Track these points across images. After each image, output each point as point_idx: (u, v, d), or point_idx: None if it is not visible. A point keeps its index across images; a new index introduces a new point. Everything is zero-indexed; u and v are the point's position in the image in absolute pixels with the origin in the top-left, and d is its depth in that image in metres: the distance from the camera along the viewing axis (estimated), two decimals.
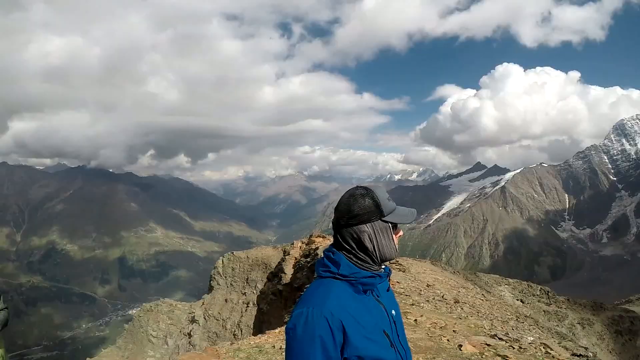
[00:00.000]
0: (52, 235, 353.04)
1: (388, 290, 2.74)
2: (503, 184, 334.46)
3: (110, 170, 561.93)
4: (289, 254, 25.41)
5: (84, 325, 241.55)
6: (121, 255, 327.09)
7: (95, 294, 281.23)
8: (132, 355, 41.91)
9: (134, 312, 52.52)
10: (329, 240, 23.75)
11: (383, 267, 2.62)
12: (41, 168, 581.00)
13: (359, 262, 2.51)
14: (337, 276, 2.48)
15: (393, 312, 2.64)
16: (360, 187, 2.52)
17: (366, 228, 2.47)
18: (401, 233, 2.60)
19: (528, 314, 27.94)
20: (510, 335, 10.84)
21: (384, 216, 2.48)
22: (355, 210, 2.45)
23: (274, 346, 9.79)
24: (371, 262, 2.53)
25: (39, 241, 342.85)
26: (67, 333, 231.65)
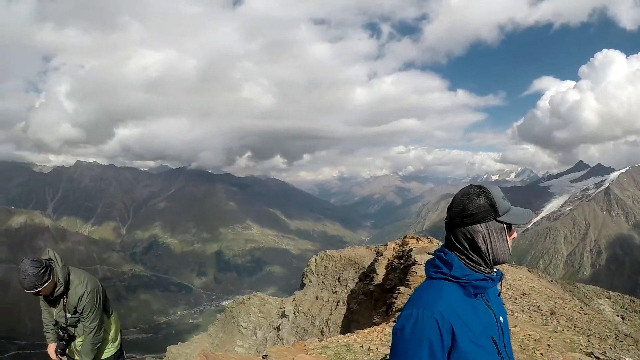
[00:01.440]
0: (155, 229, 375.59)
1: (498, 295, 2.66)
2: (607, 185, 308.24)
3: (210, 171, 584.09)
4: (381, 255, 24.88)
5: (179, 313, 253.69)
6: (218, 250, 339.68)
7: (191, 285, 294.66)
8: (222, 343, 43.04)
9: (227, 303, 54.09)
10: (423, 242, 23.01)
11: (495, 270, 2.52)
12: (145, 169, 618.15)
13: (471, 263, 2.43)
14: (448, 278, 2.40)
15: (501, 318, 2.54)
16: (475, 185, 2.44)
17: (480, 228, 2.39)
18: (515, 235, 2.49)
19: (628, 332, 25.55)
20: (607, 354, 9.84)
21: (499, 216, 2.39)
22: (470, 209, 2.39)
23: (362, 346, 9.50)
24: (483, 264, 2.45)
25: (142, 234, 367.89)
26: (162, 318, 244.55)
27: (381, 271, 22.73)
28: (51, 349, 5.89)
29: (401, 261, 20.03)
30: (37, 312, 6.00)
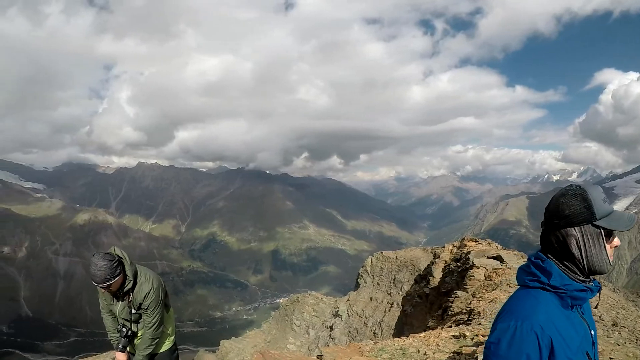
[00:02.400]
0: (213, 227, 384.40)
1: (596, 307, 2.51)
2: None
3: (267, 172, 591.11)
4: (438, 257, 24.15)
5: (234, 308, 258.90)
6: (275, 249, 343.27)
7: (247, 282, 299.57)
8: (274, 340, 43.20)
9: (282, 301, 54.14)
10: (481, 245, 22.16)
11: (592, 280, 2.32)
12: (204, 170, 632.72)
13: (568, 271, 2.27)
14: (546, 287, 2.24)
15: (592, 332, 2.39)
16: (575, 185, 2.26)
17: (574, 232, 2.21)
18: (617, 242, 2.28)
19: None
20: None
21: (596, 220, 2.19)
22: (564, 210, 2.22)
23: (418, 351, 9.06)
24: (578, 273, 2.27)
25: (201, 232, 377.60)
26: (218, 313, 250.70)
27: (437, 274, 22.03)
28: (118, 356, 5.97)
29: (458, 264, 19.31)
30: (98, 302, 6.13)
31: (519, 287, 2.39)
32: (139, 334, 5.97)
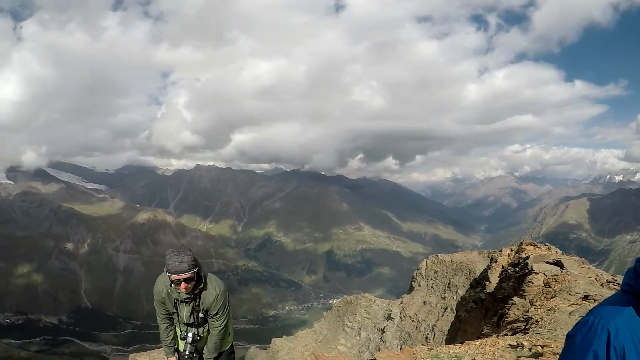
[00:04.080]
0: (269, 228, 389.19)
1: None
2: None
3: (322, 173, 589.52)
4: (495, 262, 23.28)
5: (287, 308, 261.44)
6: (329, 250, 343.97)
7: (301, 282, 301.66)
8: (325, 340, 43.01)
9: (335, 302, 54.00)
10: (540, 250, 21.23)
11: None
12: (260, 172, 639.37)
13: None
14: (637, 294, 2.13)
15: None
16: None
17: None
18: None
19: None
20: None
21: None
22: None
23: (474, 359, 8.54)
24: None
25: (257, 232, 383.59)
26: (271, 312, 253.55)
27: (494, 279, 21.22)
28: None
29: (516, 269, 18.49)
30: (154, 297, 6.18)
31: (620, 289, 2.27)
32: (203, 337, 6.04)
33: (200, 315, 5.83)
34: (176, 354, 6.24)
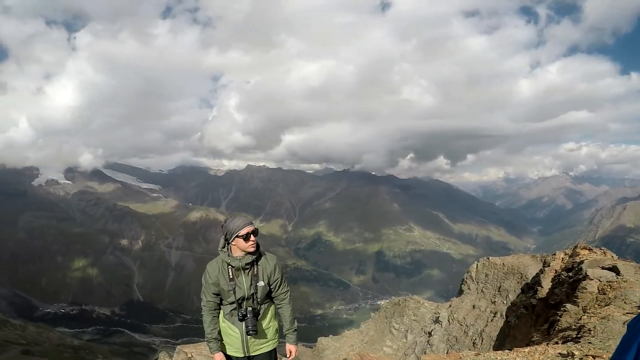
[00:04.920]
0: (319, 227, 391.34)
1: None
2: None
3: (373, 173, 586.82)
4: (548, 266, 22.45)
5: (334, 307, 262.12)
6: (379, 250, 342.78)
7: (350, 282, 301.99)
8: (371, 341, 42.71)
9: (383, 303, 53.77)
10: (596, 254, 20.36)
11: None
12: (311, 172, 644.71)
13: None
14: None
15: None
16: None
17: None
18: None
19: None
20: None
21: None
22: None
23: None
24: None
25: (307, 232, 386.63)
26: (318, 311, 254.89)
27: (546, 284, 20.47)
28: (217, 359, 6.06)
29: (570, 274, 17.75)
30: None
31: None
32: (263, 315, 6.02)
33: (260, 284, 5.85)
34: (222, 352, 6.11)
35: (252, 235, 5.73)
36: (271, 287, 6.04)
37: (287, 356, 6.39)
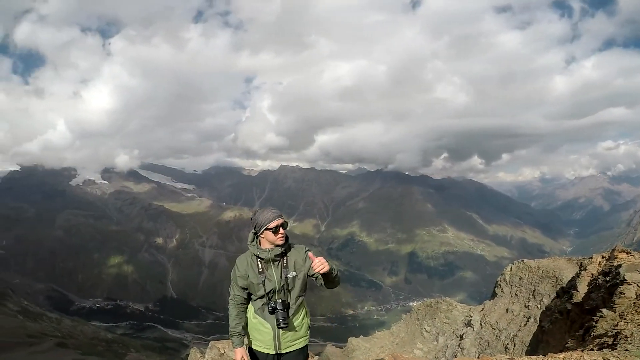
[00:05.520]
0: (352, 227, 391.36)
1: None
2: None
3: (406, 173, 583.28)
4: (585, 269, 21.75)
5: (365, 308, 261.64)
6: (412, 251, 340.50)
7: (382, 283, 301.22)
8: (402, 343, 42.37)
9: (414, 304, 53.57)
10: (634, 258, 19.63)
11: None
12: (344, 172, 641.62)
13: None
14: None
15: None
16: None
17: None
18: None
19: None
20: None
21: None
22: None
23: None
24: None
25: (340, 232, 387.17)
26: (349, 311, 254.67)
27: (582, 288, 19.83)
28: (238, 355, 6.03)
29: (607, 278, 17.13)
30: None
31: None
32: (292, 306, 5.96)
33: (290, 274, 5.87)
34: (245, 348, 6.11)
35: (281, 228, 5.80)
36: (308, 272, 6.04)
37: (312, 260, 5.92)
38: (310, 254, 6.04)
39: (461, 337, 36.89)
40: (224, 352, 16.62)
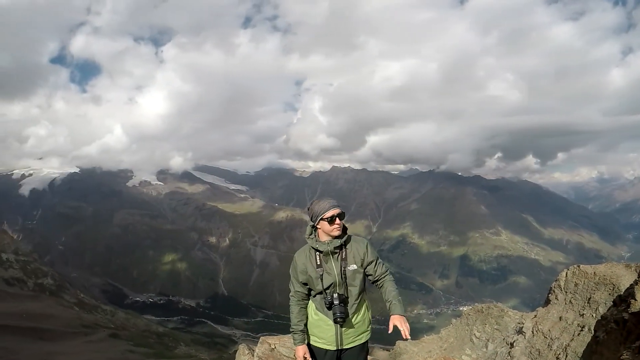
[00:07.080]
0: (404, 229, 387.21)
1: None
2: None
3: (459, 174, 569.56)
4: None
5: (415, 311, 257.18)
6: (464, 254, 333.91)
7: (432, 286, 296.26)
8: (450, 348, 41.30)
9: (465, 309, 51.60)
10: None
11: None
12: (396, 173, 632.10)
13: None
14: None
15: None
16: None
17: None
18: None
19: None
20: None
21: None
22: None
23: None
24: None
25: (391, 233, 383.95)
26: None
27: None
28: (300, 351, 5.96)
29: None
30: (287, 290, 6.15)
31: None
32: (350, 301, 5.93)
33: (350, 267, 5.80)
34: (306, 345, 6.02)
35: (337, 218, 5.66)
36: (366, 270, 6.01)
37: (391, 331, 5.98)
38: (398, 325, 5.95)
39: (511, 345, 35.64)
40: (275, 347, 16.60)
